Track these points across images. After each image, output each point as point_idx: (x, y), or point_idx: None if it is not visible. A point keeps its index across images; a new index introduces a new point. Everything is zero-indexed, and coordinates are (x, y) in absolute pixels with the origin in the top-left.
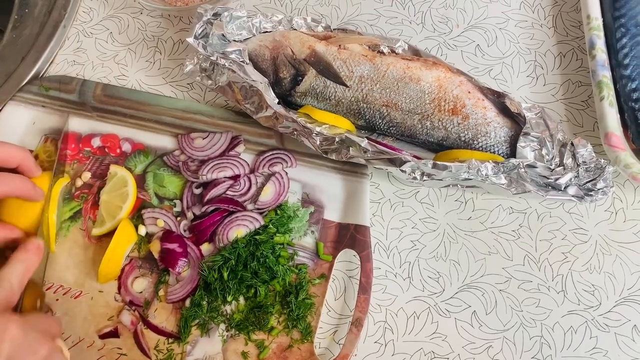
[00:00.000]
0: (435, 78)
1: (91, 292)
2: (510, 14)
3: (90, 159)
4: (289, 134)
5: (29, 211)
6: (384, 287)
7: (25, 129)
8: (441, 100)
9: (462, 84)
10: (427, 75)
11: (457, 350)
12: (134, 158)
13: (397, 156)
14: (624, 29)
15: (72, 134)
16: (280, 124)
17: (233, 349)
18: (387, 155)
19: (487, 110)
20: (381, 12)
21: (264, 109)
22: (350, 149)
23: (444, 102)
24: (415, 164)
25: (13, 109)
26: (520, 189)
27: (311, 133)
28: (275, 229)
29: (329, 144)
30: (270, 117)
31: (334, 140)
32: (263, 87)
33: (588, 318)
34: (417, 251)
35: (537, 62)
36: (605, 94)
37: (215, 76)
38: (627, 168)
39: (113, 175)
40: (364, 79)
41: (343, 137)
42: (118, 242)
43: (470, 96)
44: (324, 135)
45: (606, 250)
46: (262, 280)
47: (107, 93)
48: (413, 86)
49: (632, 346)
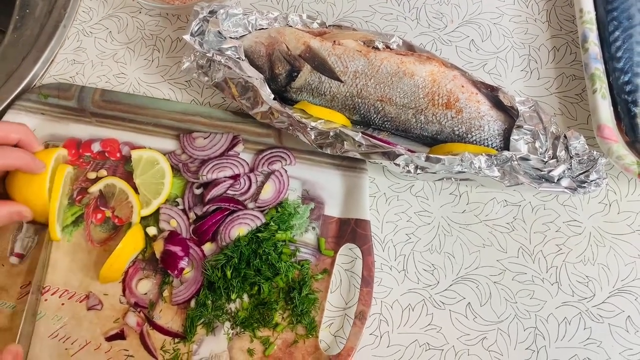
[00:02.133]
0: (428, 72)
1: (96, 296)
2: (504, 9)
3: (91, 164)
4: (285, 129)
5: (35, 188)
6: (380, 279)
7: None
8: (435, 95)
9: (456, 78)
10: (420, 69)
11: (452, 341)
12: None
13: (391, 150)
14: (617, 22)
15: (71, 140)
16: (276, 119)
17: (239, 347)
18: (381, 149)
19: (480, 103)
20: (376, 9)
21: (259, 104)
22: (344, 143)
23: (437, 97)
24: (409, 157)
25: (13, 117)
26: (513, 181)
27: (306, 128)
28: (276, 227)
29: (323, 138)
30: (266, 113)
31: (329, 135)
32: (259, 83)
33: (582, 309)
34: (412, 244)
35: (531, 57)
36: (597, 87)
37: (212, 73)
38: (620, 159)
39: (138, 160)
40: (358, 74)
41: (337, 132)
42: (124, 248)
43: (464, 90)
44: (319, 130)
45: (600, 242)
46: (265, 277)
47: (105, 98)
48: (407, 81)
49: (626, 337)
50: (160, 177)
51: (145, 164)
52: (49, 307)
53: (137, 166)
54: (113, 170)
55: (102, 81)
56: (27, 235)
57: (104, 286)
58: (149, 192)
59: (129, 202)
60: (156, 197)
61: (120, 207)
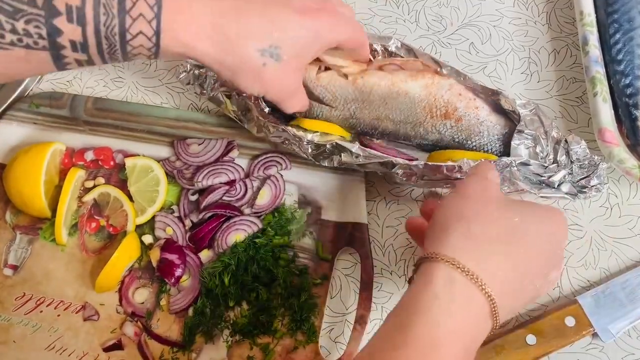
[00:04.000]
0: (422, 86)
1: (92, 306)
2: (504, 11)
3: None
4: (281, 143)
5: (31, 182)
6: (380, 284)
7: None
8: (432, 107)
9: (452, 87)
10: (413, 86)
11: None
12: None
13: (389, 159)
14: (617, 25)
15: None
16: (272, 134)
17: (238, 354)
18: (378, 159)
19: (479, 110)
20: (375, 11)
21: (254, 119)
22: (342, 154)
23: (435, 109)
24: (407, 165)
25: (4, 128)
26: (512, 188)
27: (302, 142)
28: (274, 232)
29: (320, 151)
30: (261, 127)
31: (325, 148)
32: (252, 99)
33: None
34: (412, 249)
35: (531, 59)
36: (598, 90)
37: (207, 86)
38: (621, 163)
39: (132, 168)
40: (349, 100)
41: (334, 144)
42: (120, 257)
43: (462, 98)
44: (315, 143)
45: (601, 246)
46: (264, 283)
47: (98, 106)
48: (402, 99)
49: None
50: (154, 184)
51: (140, 172)
52: (44, 319)
53: (131, 174)
54: (107, 179)
55: (99, 85)
56: (21, 246)
57: (100, 296)
58: (144, 199)
59: (123, 211)
60: (151, 204)
61: (115, 216)
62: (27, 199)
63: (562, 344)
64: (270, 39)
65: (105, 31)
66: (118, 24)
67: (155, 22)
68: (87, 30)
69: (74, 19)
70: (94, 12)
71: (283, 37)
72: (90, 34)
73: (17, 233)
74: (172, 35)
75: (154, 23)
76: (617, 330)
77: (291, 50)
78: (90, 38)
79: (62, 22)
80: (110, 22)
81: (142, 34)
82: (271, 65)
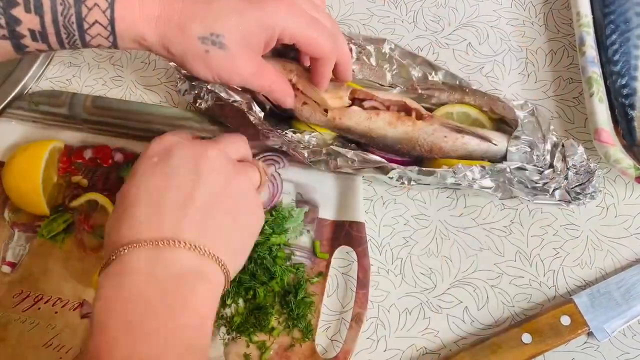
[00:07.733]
0: (402, 133)
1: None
2: (501, 12)
3: (83, 171)
4: (279, 148)
5: (29, 180)
6: (377, 283)
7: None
8: (415, 146)
9: (436, 132)
10: (392, 132)
11: (449, 345)
12: (127, 167)
13: (384, 164)
14: (614, 26)
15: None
16: (268, 140)
17: (235, 352)
18: (373, 164)
19: (467, 145)
20: (374, 12)
21: (250, 126)
22: (337, 159)
23: (418, 147)
24: (402, 170)
25: (3, 126)
26: (507, 194)
27: (298, 146)
28: (271, 230)
29: (316, 156)
30: (257, 133)
31: (322, 152)
32: (246, 106)
33: None
34: (409, 248)
35: (528, 60)
36: (594, 90)
37: (203, 94)
38: (617, 163)
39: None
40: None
41: (330, 150)
42: None
43: (447, 140)
44: (310, 149)
45: (597, 246)
46: (261, 281)
47: (97, 104)
48: (381, 140)
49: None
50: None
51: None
52: (42, 316)
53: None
54: (105, 177)
55: (98, 84)
56: (19, 243)
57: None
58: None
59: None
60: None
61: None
62: (25, 196)
63: (557, 343)
64: (211, 27)
65: (63, 20)
66: (75, 14)
67: (109, 12)
68: (46, 19)
69: (32, 9)
70: (51, 3)
71: (226, 26)
72: (49, 23)
73: (15, 230)
74: (125, 25)
75: (108, 12)
76: (613, 330)
77: (235, 38)
78: (49, 27)
79: (20, 11)
80: (67, 11)
81: (98, 23)
82: (215, 52)
